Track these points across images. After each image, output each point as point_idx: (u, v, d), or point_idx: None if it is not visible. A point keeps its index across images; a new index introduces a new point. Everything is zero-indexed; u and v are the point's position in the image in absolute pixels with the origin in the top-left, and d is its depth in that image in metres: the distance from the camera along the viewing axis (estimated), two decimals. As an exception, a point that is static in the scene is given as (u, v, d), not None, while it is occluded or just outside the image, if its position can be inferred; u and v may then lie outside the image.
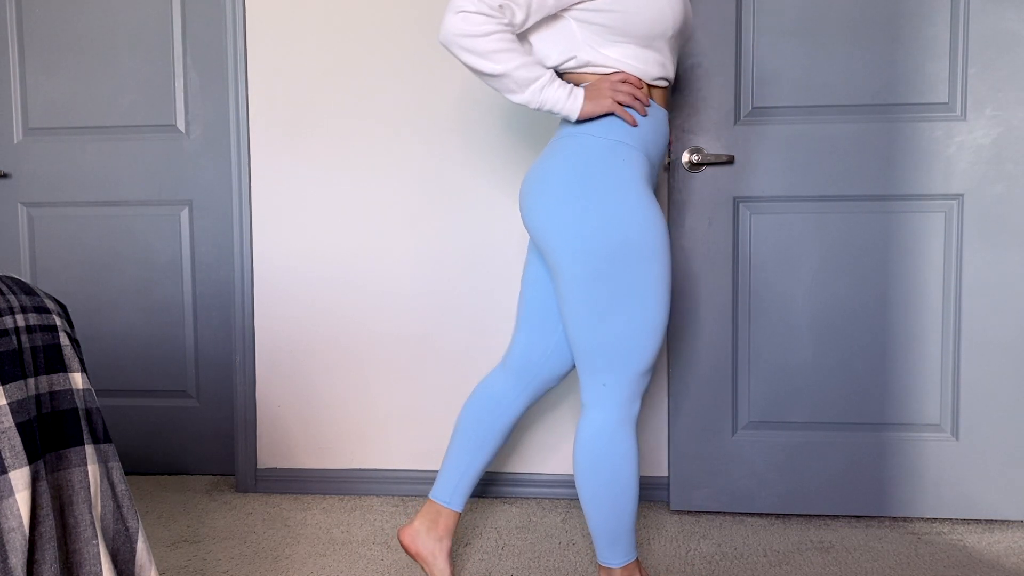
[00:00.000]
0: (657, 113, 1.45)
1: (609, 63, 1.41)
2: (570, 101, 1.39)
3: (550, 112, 1.41)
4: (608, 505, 1.43)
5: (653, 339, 1.39)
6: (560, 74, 1.48)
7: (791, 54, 1.97)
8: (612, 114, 1.41)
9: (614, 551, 1.46)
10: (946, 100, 1.95)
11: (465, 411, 1.64)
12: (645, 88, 1.44)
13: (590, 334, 1.39)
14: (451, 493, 1.62)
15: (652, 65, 1.43)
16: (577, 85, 1.45)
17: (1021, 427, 1.97)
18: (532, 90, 1.38)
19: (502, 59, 1.35)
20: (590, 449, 1.42)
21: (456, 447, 1.63)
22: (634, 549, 1.48)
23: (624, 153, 1.39)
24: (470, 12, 1.33)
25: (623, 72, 1.42)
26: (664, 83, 1.48)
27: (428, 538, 1.62)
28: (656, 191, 2.14)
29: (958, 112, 1.95)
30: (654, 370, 1.42)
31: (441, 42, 1.37)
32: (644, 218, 1.36)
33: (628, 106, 1.41)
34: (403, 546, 1.64)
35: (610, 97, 1.39)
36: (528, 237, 2.08)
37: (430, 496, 1.64)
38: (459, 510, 1.63)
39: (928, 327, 1.99)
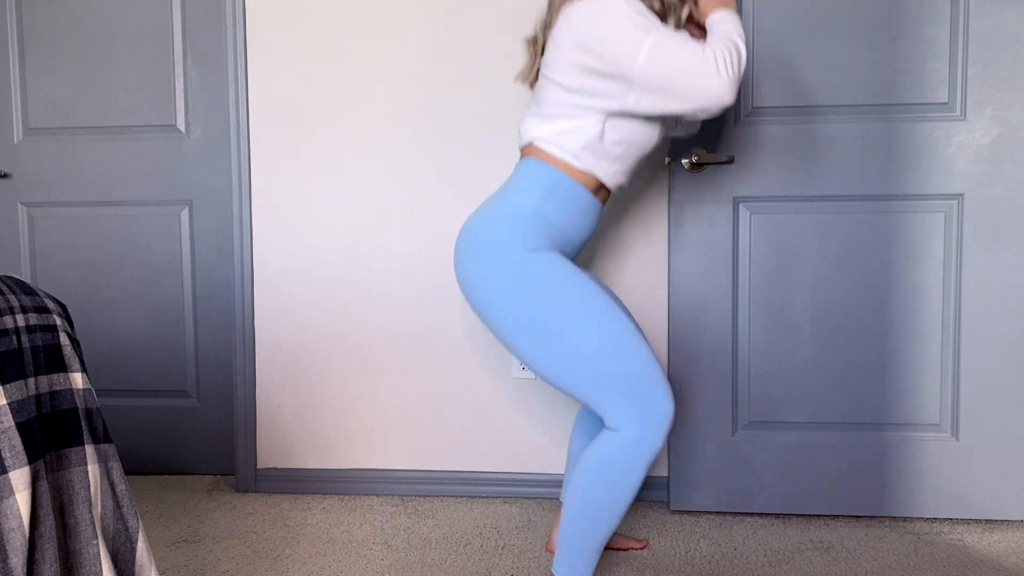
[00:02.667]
0: (594, 205, 1.55)
1: (587, 167, 1.50)
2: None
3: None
4: (601, 507, 1.44)
5: (620, 355, 1.40)
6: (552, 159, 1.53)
7: (791, 54, 1.97)
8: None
9: (571, 566, 1.46)
10: (946, 100, 1.95)
11: (578, 417, 1.80)
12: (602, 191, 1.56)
13: (555, 373, 1.46)
14: None
15: (621, 176, 1.55)
16: (530, 152, 1.53)
17: (1021, 427, 1.97)
18: (730, 28, 1.45)
19: (722, 50, 1.39)
20: (614, 461, 1.42)
21: (572, 452, 1.78)
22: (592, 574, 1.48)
23: (545, 230, 1.48)
24: (712, 66, 1.37)
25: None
26: (617, 190, 1.59)
27: None
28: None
29: (958, 112, 1.95)
30: (668, 400, 1.41)
31: (724, 105, 1.39)
32: (553, 268, 1.44)
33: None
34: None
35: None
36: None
37: (561, 499, 1.78)
38: None
39: (928, 327, 1.99)
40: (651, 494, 2.19)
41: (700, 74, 1.36)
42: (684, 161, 2.00)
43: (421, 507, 2.14)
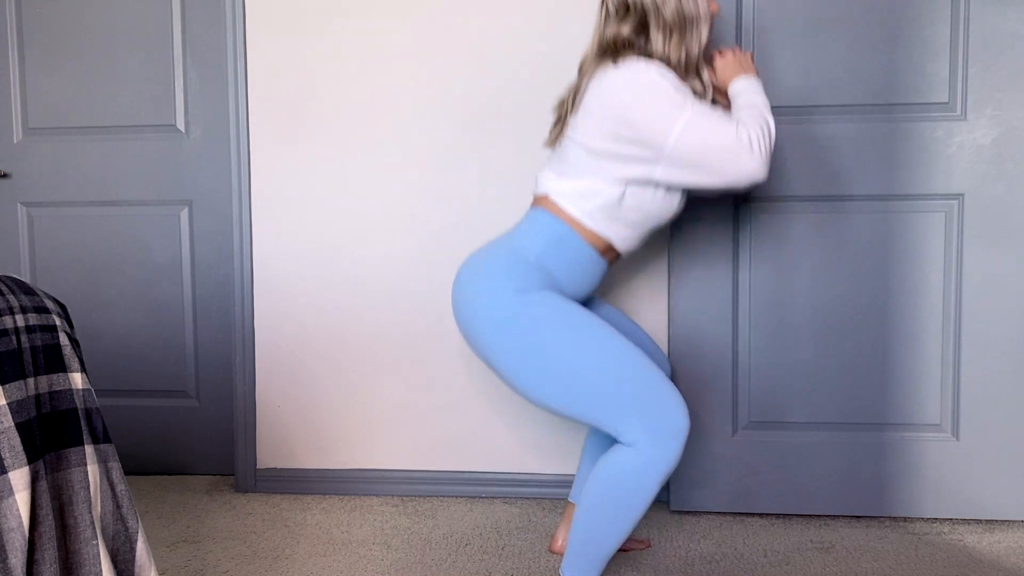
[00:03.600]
0: (600, 265, 1.55)
1: (599, 229, 1.50)
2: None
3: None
4: (613, 521, 1.42)
5: (624, 375, 1.39)
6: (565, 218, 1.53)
7: (791, 54, 1.97)
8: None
9: (579, 570, 1.45)
10: (946, 100, 1.95)
11: None
12: (611, 252, 1.56)
13: (560, 402, 1.45)
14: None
15: (633, 241, 1.56)
16: (543, 202, 1.54)
17: (1021, 427, 1.97)
18: (758, 105, 1.48)
19: (755, 128, 1.42)
20: (629, 477, 1.40)
21: (585, 453, 1.80)
22: None
23: (546, 282, 1.48)
24: (745, 144, 1.38)
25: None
26: (628, 256, 1.62)
27: None
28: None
29: (958, 112, 1.95)
30: (683, 416, 1.39)
31: (757, 181, 1.41)
32: (549, 300, 1.44)
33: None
34: (561, 554, 1.76)
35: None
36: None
37: (571, 499, 1.79)
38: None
39: (928, 327, 1.98)
40: (651, 494, 2.19)
41: (733, 152, 1.37)
42: (684, 161, 2.00)
43: (421, 507, 2.14)
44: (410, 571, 1.72)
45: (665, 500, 2.18)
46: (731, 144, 1.37)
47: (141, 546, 1.16)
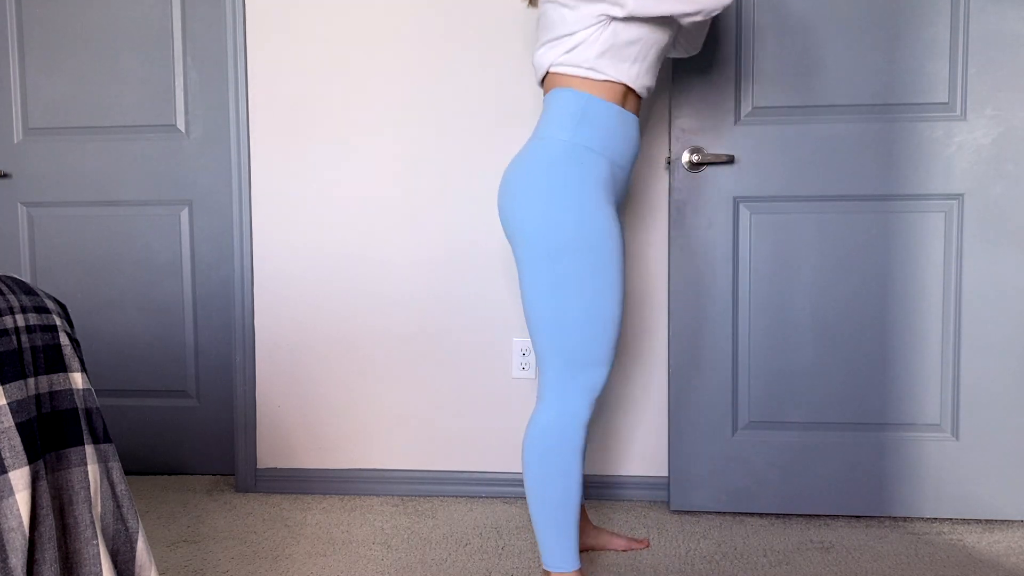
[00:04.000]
0: (628, 119, 1.53)
1: (609, 76, 1.49)
2: None
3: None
4: (553, 500, 1.47)
5: (595, 331, 1.44)
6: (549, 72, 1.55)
7: (791, 54, 1.97)
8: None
9: (551, 553, 1.48)
10: (946, 100, 1.95)
11: None
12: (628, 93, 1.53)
13: (534, 315, 1.46)
14: None
15: (645, 76, 1.54)
16: (551, 83, 1.54)
17: (1021, 427, 1.97)
18: None
19: None
20: (540, 439, 1.46)
21: None
22: (576, 558, 1.49)
23: (587, 158, 1.47)
24: None
25: None
26: (646, 93, 1.56)
27: (582, 535, 1.79)
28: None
29: (958, 112, 1.95)
30: (607, 371, 1.48)
31: (715, 10, 1.44)
32: (592, 219, 1.44)
33: None
34: None
35: None
36: None
37: None
38: (583, 501, 1.79)
39: (928, 327, 1.99)
40: (651, 494, 2.19)
41: None
42: (684, 161, 2.00)
43: (421, 507, 2.14)
44: (410, 571, 1.72)
45: (665, 500, 2.18)
46: None
47: (141, 546, 1.16)
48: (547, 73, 1.54)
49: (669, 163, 2.03)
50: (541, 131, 1.51)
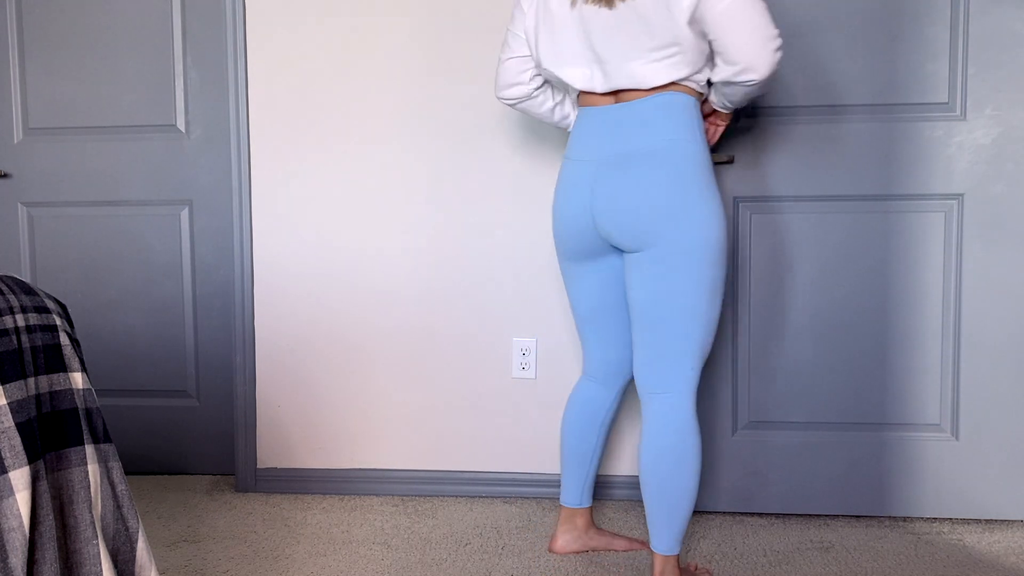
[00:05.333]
0: None
1: (704, 86, 1.60)
2: None
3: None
4: (689, 487, 1.55)
5: (713, 333, 1.58)
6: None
7: (792, 54, 1.97)
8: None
9: (678, 540, 1.57)
10: (946, 100, 1.95)
11: (567, 425, 1.79)
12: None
13: (689, 315, 1.52)
14: (580, 496, 1.79)
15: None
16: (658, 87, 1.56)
17: (1021, 427, 1.97)
18: None
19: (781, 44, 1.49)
20: (690, 422, 1.54)
21: (570, 458, 1.80)
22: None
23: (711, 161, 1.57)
24: (777, 40, 1.45)
25: None
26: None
27: (584, 536, 1.80)
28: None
29: (958, 112, 1.95)
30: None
31: (762, 77, 1.45)
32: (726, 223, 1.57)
33: None
34: (561, 555, 1.79)
35: None
36: (554, 253, 2.02)
37: (562, 503, 1.81)
38: (590, 504, 1.82)
39: (928, 327, 1.99)
40: (651, 494, 2.19)
41: (769, 34, 1.42)
42: (684, 161, 2.00)
43: (421, 507, 2.14)
44: (410, 571, 1.72)
45: (665, 500, 2.18)
46: (766, 25, 1.42)
47: (141, 546, 1.16)
48: (670, 82, 1.54)
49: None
50: (667, 134, 1.51)
